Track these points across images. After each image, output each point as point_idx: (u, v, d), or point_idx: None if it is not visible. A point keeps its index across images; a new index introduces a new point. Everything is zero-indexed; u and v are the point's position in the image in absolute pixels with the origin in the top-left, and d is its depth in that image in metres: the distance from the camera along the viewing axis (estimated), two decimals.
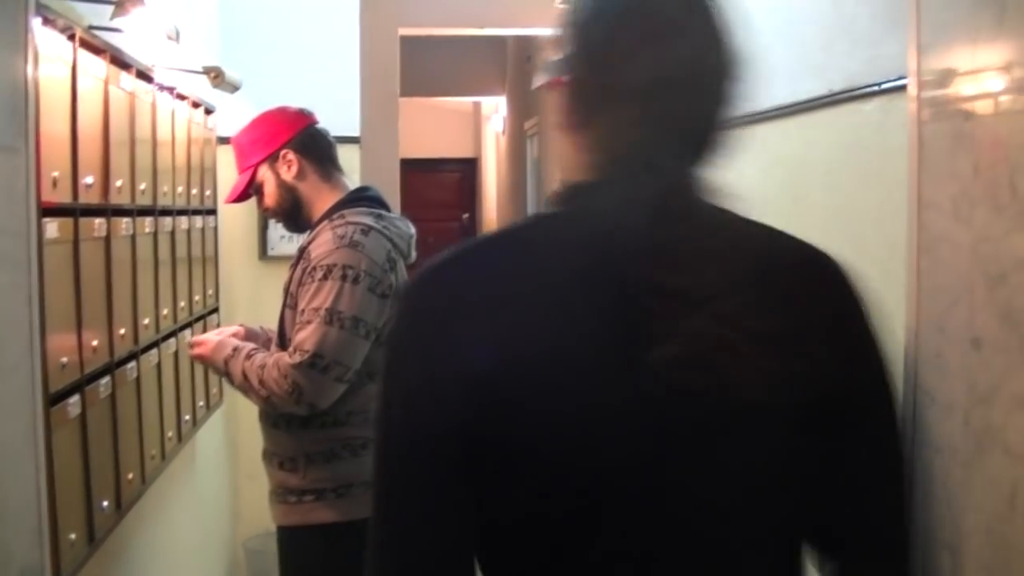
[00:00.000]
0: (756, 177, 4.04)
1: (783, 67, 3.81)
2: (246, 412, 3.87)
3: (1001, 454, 2.14)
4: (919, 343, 2.40)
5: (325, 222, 3.26)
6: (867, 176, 3.15)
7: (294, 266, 3.27)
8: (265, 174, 3.36)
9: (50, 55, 2.55)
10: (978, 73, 2.18)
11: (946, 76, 2.31)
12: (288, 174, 3.34)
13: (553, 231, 1.53)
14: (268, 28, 5.34)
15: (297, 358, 3.04)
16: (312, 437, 3.21)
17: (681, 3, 1.55)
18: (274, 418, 3.25)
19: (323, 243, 3.17)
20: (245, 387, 3.15)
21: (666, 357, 1.38)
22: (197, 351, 3.33)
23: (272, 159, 3.35)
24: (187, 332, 3.94)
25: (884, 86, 2.98)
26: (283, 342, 3.22)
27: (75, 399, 2.71)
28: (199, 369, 4.16)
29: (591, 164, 1.53)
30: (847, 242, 3.31)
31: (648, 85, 1.48)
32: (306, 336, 3.05)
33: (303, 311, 3.10)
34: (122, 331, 3.16)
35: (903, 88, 2.75)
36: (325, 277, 3.08)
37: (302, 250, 3.26)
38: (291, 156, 3.34)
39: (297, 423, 3.21)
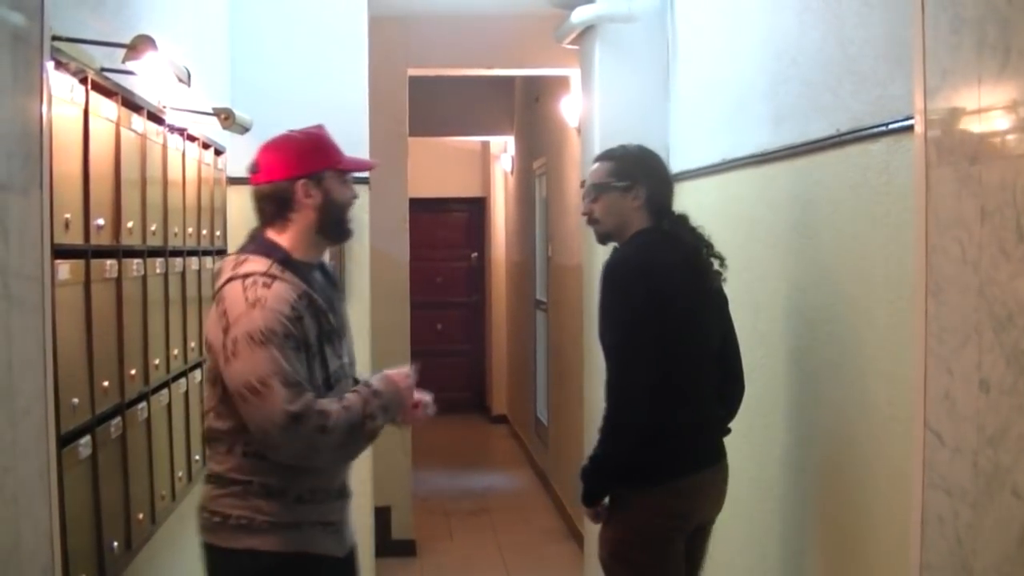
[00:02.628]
0: (768, 215, 4.06)
1: (791, 108, 3.83)
2: None
3: (1010, 495, 2.14)
4: (927, 384, 2.40)
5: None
6: (873, 216, 3.16)
7: (330, 298, 3.19)
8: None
9: (63, 98, 2.58)
10: (984, 118, 2.19)
11: (952, 120, 2.32)
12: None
13: (660, 239, 3.55)
14: (278, 70, 5.37)
15: None
16: None
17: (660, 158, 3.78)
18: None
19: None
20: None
21: (712, 288, 3.54)
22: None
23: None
24: (197, 372, 3.94)
25: (891, 126, 2.99)
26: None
27: (86, 440, 2.72)
28: None
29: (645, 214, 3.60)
30: (854, 282, 3.32)
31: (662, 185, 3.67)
32: None
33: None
34: (133, 371, 3.18)
35: (909, 129, 2.76)
36: None
37: (336, 280, 3.26)
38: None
39: None
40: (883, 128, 3.06)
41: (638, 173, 3.59)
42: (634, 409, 3.35)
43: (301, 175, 3.02)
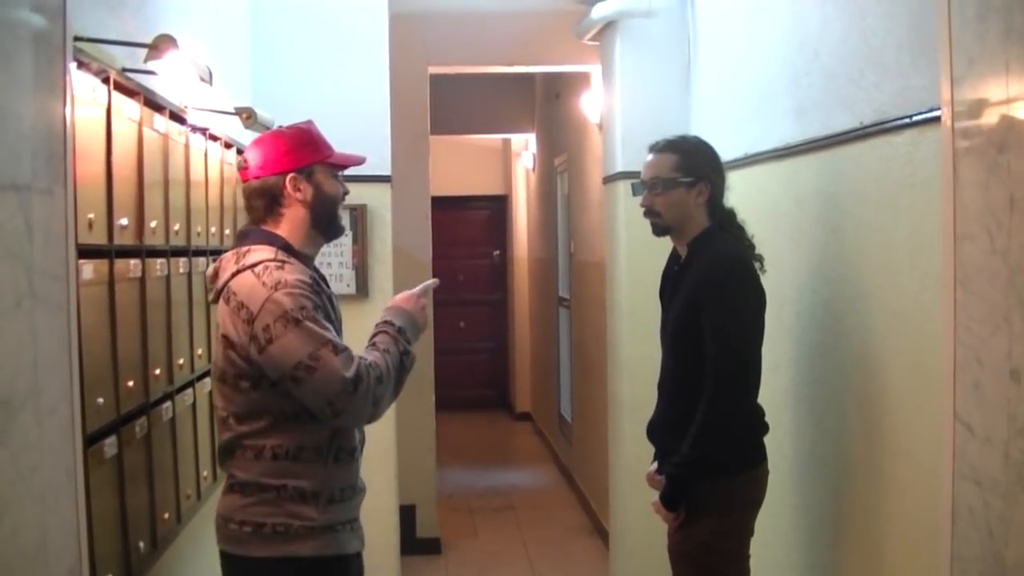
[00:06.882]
0: (791, 209, 4.04)
1: (814, 101, 3.81)
2: None
3: None
4: (957, 374, 2.38)
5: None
6: (897, 208, 3.14)
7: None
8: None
9: (85, 98, 2.58)
10: (1012, 106, 2.17)
11: (979, 109, 2.30)
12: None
13: (736, 243, 3.61)
14: (299, 68, 5.38)
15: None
16: None
17: None
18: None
19: None
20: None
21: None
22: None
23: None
24: None
25: (915, 118, 2.97)
26: None
27: (111, 440, 2.72)
28: None
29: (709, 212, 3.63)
30: (879, 274, 3.30)
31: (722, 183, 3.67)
32: None
33: None
34: (157, 371, 3.18)
35: (934, 120, 2.74)
36: None
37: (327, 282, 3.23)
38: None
39: None
40: (907, 120, 3.04)
41: (705, 170, 3.60)
42: (749, 402, 3.49)
43: (290, 169, 3.01)
